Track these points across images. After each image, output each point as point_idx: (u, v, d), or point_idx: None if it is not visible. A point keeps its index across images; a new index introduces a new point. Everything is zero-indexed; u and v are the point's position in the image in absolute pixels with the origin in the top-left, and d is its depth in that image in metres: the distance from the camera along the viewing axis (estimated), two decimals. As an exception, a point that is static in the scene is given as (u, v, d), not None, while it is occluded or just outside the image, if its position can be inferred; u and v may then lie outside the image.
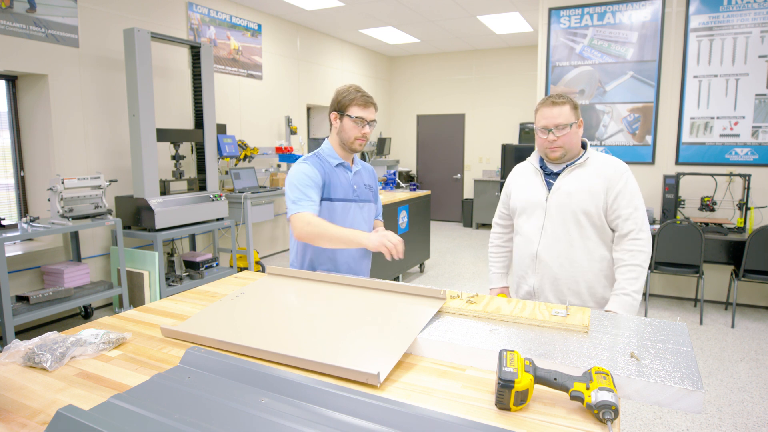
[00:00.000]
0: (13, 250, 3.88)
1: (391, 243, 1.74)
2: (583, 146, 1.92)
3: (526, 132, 8.27)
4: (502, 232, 2.19)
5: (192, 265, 4.74)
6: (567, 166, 1.88)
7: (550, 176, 1.92)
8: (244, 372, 1.07)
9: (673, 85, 4.68)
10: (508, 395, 0.94)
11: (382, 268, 4.60)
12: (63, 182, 3.63)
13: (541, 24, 5.10)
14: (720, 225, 4.41)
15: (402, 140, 9.71)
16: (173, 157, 4.68)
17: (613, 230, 1.85)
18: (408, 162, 9.72)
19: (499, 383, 0.95)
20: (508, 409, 0.96)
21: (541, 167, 1.95)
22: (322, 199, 1.93)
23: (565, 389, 0.96)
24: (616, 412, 0.90)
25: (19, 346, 1.20)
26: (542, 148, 1.89)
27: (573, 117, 1.82)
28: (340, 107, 1.98)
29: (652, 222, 4.73)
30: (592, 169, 1.85)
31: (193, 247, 5.23)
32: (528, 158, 2.04)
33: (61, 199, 3.69)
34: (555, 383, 0.97)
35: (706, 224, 4.44)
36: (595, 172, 1.84)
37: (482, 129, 8.93)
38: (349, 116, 1.95)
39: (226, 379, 1.06)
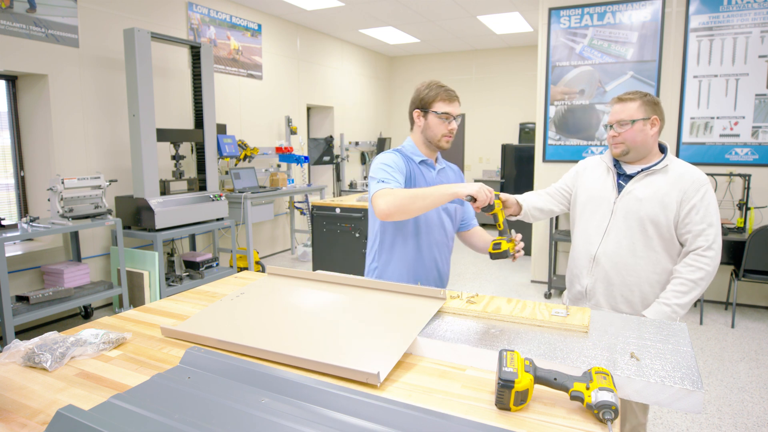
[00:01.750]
0: (13, 250, 3.88)
1: (487, 194, 1.58)
2: (663, 150, 1.85)
3: (526, 132, 8.27)
4: (545, 198, 2.06)
5: (192, 265, 4.74)
6: (642, 170, 1.81)
7: (621, 178, 1.85)
8: (244, 372, 1.07)
9: (673, 85, 4.68)
10: (508, 395, 0.94)
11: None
12: (63, 182, 3.63)
13: (541, 24, 5.10)
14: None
15: (402, 140, 9.68)
16: (173, 157, 4.68)
17: (681, 244, 1.77)
18: (408, 162, 9.71)
19: (499, 383, 0.95)
20: (508, 409, 0.96)
21: (614, 167, 1.88)
22: None
23: (565, 389, 0.96)
24: (616, 412, 0.90)
25: (19, 346, 1.20)
26: (609, 145, 1.87)
27: (640, 114, 1.76)
28: (423, 104, 1.87)
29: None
30: (668, 177, 1.76)
31: (193, 247, 5.23)
32: (600, 156, 1.97)
33: (61, 199, 3.69)
34: (555, 383, 0.97)
35: (706, 224, 4.44)
36: (672, 181, 1.75)
37: (482, 129, 8.92)
38: (435, 112, 1.84)
39: (226, 379, 1.06)
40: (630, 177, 1.83)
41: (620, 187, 1.84)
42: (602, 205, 1.85)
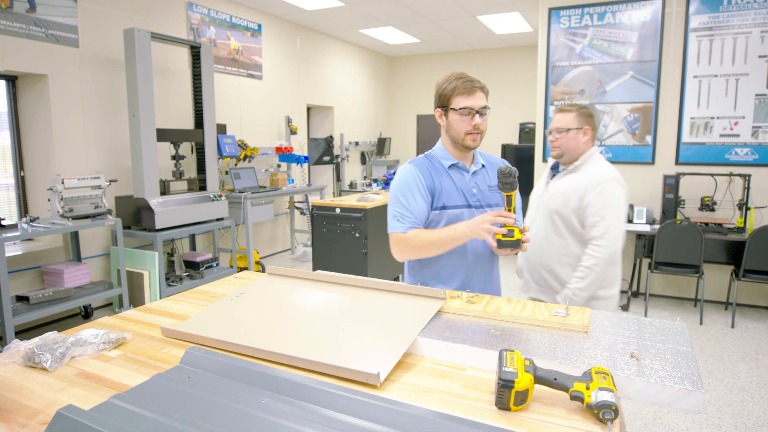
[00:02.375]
0: (13, 250, 3.88)
1: (488, 223, 1.52)
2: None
3: (526, 132, 8.27)
4: None
5: (192, 265, 4.74)
6: (563, 170, 2.12)
7: (553, 177, 2.18)
8: (244, 372, 1.07)
9: (673, 85, 4.68)
10: (508, 395, 0.94)
11: (382, 268, 4.60)
12: (63, 182, 3.63)
13: (541, 24, 5.10)
14: (720, 225, 4.41)
15: (402, 140, 9.71)
16: (173, 157, 4.68)
17: None
18: (408, 162, 9.71)
19: (499, 383, 0.95)
20: (508, 409, 0.96)
21: (552, 168, 2.20)
22: (435, 208, 1.73)
23: (565, 389, 0.96)
24: (616, 412, 0.90)
25: (19, 346, 1.20)
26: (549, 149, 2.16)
27: (574, 123, 2.03)
28: (442, 101, 1.71)
29: (652, 222, 4.74)
30: (577, 176, 2.05)
31: (193, 247, 5.23)
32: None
33: (61, 199, 3.69)
34: (555, 383, 0.97)
35: (706, 224, 4.44)
36: (578, 179, 2.04)
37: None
38: (453, 109, 1.68)
39: (226, 379, 1.06)
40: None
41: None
42: (535, 200, 2.22)
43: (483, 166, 1.82)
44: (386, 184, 6.40)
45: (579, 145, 2.05)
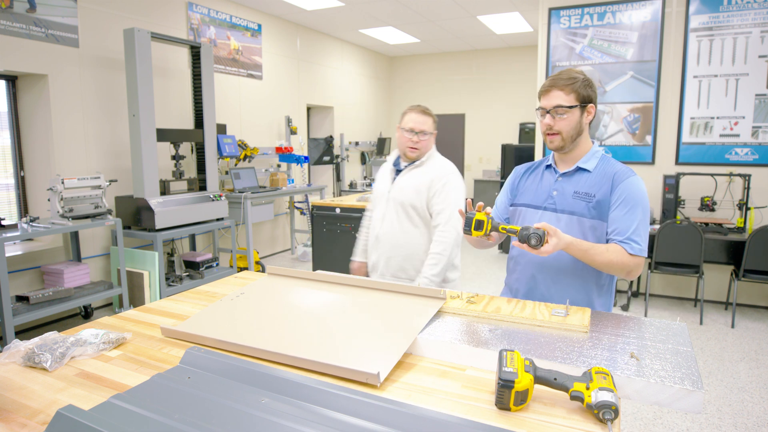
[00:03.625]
0: (13, 250, 3.88)
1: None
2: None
3: (527, 132, 8.27)
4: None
5: (192, 265, 4.74)
6: (407, 165, 2.26)
7: (398, 173, 2.29)
8: (244, 372, 1.07)
9: (673, 85, 4.68)
10: (508, 395, 0.94)
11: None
12: (63, 182, 3.63)
13: (541, 24, 5.10)
14: (720, 225, 4.41)
15: (402, 140, 9.70)
16: (173, 157, 4.68)
17: None
18: (408, 162, 9.71)
19: (499, 383, 0.95)
20: (508, 409, 0.96)
21: (394, 164, 2.33)
22: (511, 204, 1.81)
23: (565, 389, 0.96)
24: (616, 412, 0.90)
25: (19, 346, 1.20)
26: (404, 147, 2.24)
27: (432, 128, 2.23)
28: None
29: (652, 222, 4.74)
30: (424, 170, 2.22)
31: (193, 247, 5.23)
32: (388, 157, 2.42)
33: (61, 199, 3.69)
34: (555, 383, 0.97)
35: (706, 224, 4.44)
36: (425, 172, 2.21)
37: (482, 129, 8.92)
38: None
39: (226, 379, 1.06)
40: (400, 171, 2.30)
41: (394, 180, 2.30)
42: (382, 196, 2.31)
43: (583, 170, 1.65)
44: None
45: (430, 145, 2.28)
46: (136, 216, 4.23)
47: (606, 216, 1.58)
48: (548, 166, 1.74)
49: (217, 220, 4.80)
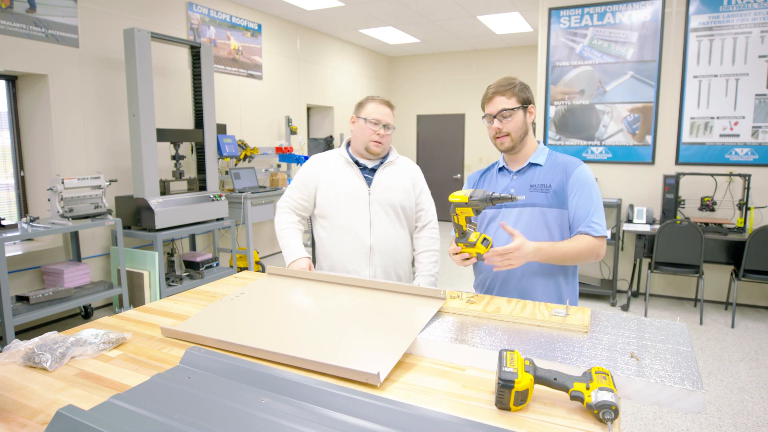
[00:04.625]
0: (13, 250, 3.88)
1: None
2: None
3: (526, 132, 8.26)
4: (299, 220, 2.22)
5: (192, 265, 4.74)
6: (381, 162, 2.07)
7: (365, 171, 2.06)
8: (244, 372, 1.07)
9: (673, 85, 4.68)
10: (508, 395, 0.94)
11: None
12: (63, 182, 3.63)
13: (541, 24, 5.10)
14: (720, 225, 4.41)
15: (402, 140, 9.70)
16: (173, 157, 4.68)
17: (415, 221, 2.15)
18: (408, 162, 9.71)
19: (499, 383, 0.95)
20: (508, 409, 0.96)
21: (357, 163, 2.06)
22: None
23: (565, 389, 0.96)
24: (616, 412, 0.90)
25: (19, 346, 1.20)
26: (368, 140, 2.01)
27: (394, 123, 2.06)
28: None
29: (652, 222, 4.74)
30: (400, 168, 2.10)
31: (193, 247, 5.23)
32: (335, 150, 2.12)
33: (61, 199, 3.69)
34: (555, 383, 0.97)
35: (706, 224, 4.44)
36: (404, 170, 2.09)
37: (482, 129, 8.86)
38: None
39: (226, 379, 1.06)
40: (373, 170, 2.06)
41: (368, 180, 2.04)
42: (356, 200, 2.02)
43: (535, 165, 1.77)
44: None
45: (391, 141, 2.12)
46: (136, 216, 4.23)
47: (565, 204, 1.69)
48: (500, 169, 1.86)
49: (217, 220, 4.80)
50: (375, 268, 2.02)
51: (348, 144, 2.12)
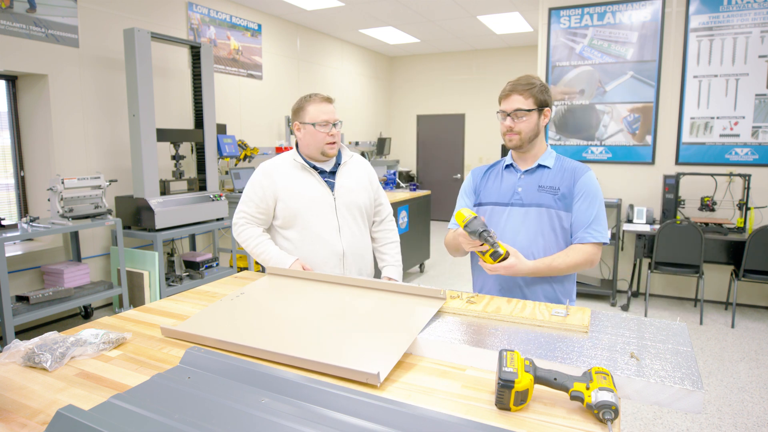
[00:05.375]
0: (13, 250, 3.87)
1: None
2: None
3: (526, 132, 8.26)
4: (264, 230, 2.05)
5: (192, 265, 4.74)
6: (338, 165, 2.01)
7: (324, 175, 1.99)
8: (244, 372, 1.07)
9: (673, 85, 4.68)
10: (508, 395, 0.94)
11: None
12: (63, 182, 3.63)
13: (541, 24, 5.10)
14: (720, 225, 4.41)
15: (402, 140, 9.71)
16: (173, 157, 4.68)
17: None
18: (408, 162, 9.71)
19: (499, 383, 0.95)
20: (508, 409, 0.96)
21: (314, 167, 1.97)
22: (474, 204, 1.88)
23: (565, 389, 0.96)
24: (616, 412, 0.90)
25: (19, 346, 1.20)
26: (322, 144, 1.93)
27: (338, 116, 2.00)
28: None
29: (652, 222, 4.74)
30: (355, 166, 2.07)
31: (193, 247, 5.23)
32: (285, 155, 2.00)
33: (61, 199, 3.69)
34: (555, 383, 0.97)
35: (706, 224, 4.44)
36: (357, 168, 2.08)
37: (482, 129, 8.92)
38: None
39: (226, 379, 1.06)
40: (332, 173, 2.00)
41: (330, 185, 1.98)
42: (321, 206, 1.95)
43: (543, 167, 1.78)
44: (386, 184, 6.39)
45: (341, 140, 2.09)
46: (136, 216, 4.23)
47: (571, 207, 1.72)
48: (508, 166, 1.85)
49: (217, 220, 4.80)
50: (350, 273, 1.97)
51: (296, 145, 2.02)
